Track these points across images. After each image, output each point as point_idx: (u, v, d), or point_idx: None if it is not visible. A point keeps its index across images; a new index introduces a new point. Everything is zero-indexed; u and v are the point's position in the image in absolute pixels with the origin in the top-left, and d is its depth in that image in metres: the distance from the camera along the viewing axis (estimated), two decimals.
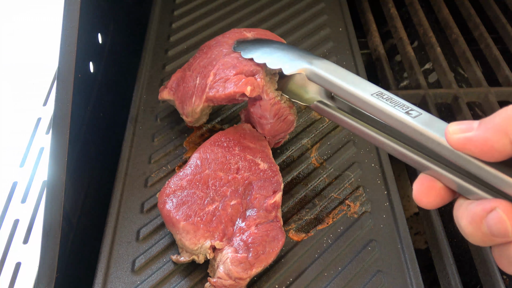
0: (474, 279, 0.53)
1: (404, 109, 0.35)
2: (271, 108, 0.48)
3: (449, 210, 0.61)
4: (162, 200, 0.47)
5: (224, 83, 0.49)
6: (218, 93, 0.49)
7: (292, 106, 0.50)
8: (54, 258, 0.43)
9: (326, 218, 0.50)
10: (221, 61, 0.51)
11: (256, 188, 0.47)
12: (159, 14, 0.75)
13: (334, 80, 0.39)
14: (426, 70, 0.78)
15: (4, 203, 0.54)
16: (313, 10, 0.75)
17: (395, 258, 0.47)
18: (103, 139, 0.64)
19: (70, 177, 0.48)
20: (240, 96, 0.48)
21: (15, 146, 0.60)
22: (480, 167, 0.30)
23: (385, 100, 0.36)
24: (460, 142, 0.30)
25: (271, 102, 0.48)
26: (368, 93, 0.37)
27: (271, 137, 0.53)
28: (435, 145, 0.32)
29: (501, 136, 0.27)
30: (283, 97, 0.49)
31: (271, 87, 0.48)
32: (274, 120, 0.50)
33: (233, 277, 0.41)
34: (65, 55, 0.49)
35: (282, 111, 0.49)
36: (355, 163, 0.55)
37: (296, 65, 0.43)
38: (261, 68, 0.47)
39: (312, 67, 0.42)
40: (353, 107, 0.42)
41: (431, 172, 0.34)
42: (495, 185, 0.29)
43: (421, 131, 0.33)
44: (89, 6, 0.58)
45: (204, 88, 0.51)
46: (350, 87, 0.38)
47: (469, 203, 0.30)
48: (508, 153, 0.28)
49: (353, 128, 0.41)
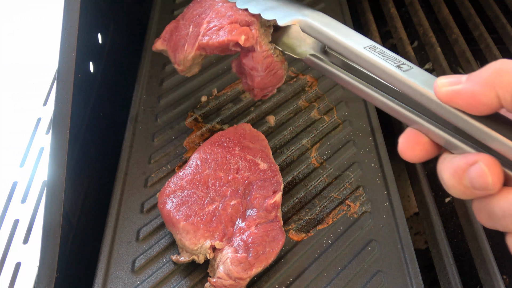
0: (474, 279, 0.53)
1: (396, 63, 0.36)
2: (263, 60, 0.48)
3: (449, 210, 0.61)
4: (162, 200, 0.47)
5: (218, 31, 0.48)
6: (211, 41, 0.48)
7: (283, 61, 0.50)
8: (54, 258, 0.43)
9: (326, 218, 0.50)
10: (215, 10, 0.50)
11: (256, 188, 0.47)
12: (159, 14, 0.75)
13: (327, 32, 0.40)
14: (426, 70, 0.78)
15: (4, 203, 0.54)
16: None
17: (395, 258, 0.47)
18: (103, 139, 0.64)
19: (70, 177, 0.48)
20: (233, 45, 0.47)
21: (15, 146, 0.60)
22: (467, 121, 0.30)
23: (377, 54, 0.37)
24: (448, 95, 0.30)
25: (263, 54, 0.47)
26: (360, 46, 0.37)
27: (259, 90, 0.52)
28: (423, 99, 0.33)
29: (488, 90, 0.28)
30: (276, 50, 0.49)
31: (265, 39, 0.48)
32: (265, 73, 0.49)
33: (233, 277, 0.41)
34: (65, 55, 0.49)
35: (274, 64, 0.49)
36: (355, 163, 0.55)
37: (291, 17, 0.43)
38: (256, 19, 0.47)
39: (306, 19, 0.41)
40: (346, 62, 0.42)
41: (419, 127, 0.34)
42: (480, 140, 0.30)
43: (410, 84, 0.33)
44: (89, 6, 0.58)
45: (197, 35, 0.50)
46: (342, 40, 0.39)
47: (453, 156, 0.31)
48: (494, 107, 0.28)
49: (345, 82, 0.41)
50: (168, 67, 0.67)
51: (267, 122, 0.59)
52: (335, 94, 0.63)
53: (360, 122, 0.59)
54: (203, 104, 0.62)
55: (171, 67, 0.67)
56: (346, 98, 0.62)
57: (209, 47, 0.49)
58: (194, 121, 0.60)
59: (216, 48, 0.49)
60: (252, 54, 0.48)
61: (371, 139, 0.57)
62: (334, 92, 0.63)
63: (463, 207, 0.54)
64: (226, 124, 0.59)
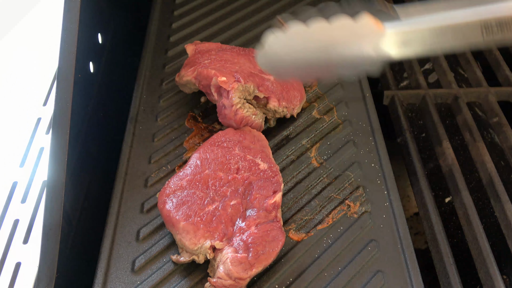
0: (474, 279, 0.53)
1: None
2: (234, 116, 0.51)
3: (449, 210, 0.61)
4: (162, 200, 0.47)
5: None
6: (205, 70, 0.53)
7: (256, 113, 0.51)
8: (54, 258, 0.43)
9: (326, 218, 0.50)
10: (245, 60, 0.56)
11: (256, 188, 0.47)
12: (159, 14, 0.75)
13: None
14: (426, 70, 0.78)
15: (4, 203, 0.54)
16: None
17: (395, 258, 0.47)
18: (103, 139, 0.64)
19: (70, 177, 0.48)
20: (214, 84, 0.51)
21: (15, 146, 0.60)
22: None
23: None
24: None
25: (233, 109, 0.51)
26: None
27: None
28: None
29: None
30: (246, 105, 0.50)
31: (239, 94, 0.50)
32: (239, 126, 0.53)
33: (233, 277, 0.41)
34: (65, 55, 0.49)
35: (247, 119, 0.51)
36: (355, 163, 0.55)
37: None
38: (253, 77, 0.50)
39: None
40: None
41: None
42: None
43: None
44: (89, 6, 0.58)
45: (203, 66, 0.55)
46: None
47: None
48: None
49: None
50: (168, 67, 0.67)
51: (267, 122, 0.59)
52: (335, 94, 0.63)
53: (360, 122, 0.59)
54: (203, 104, 0.62)
55: (171, 67, 0.67)
56: (346, 98, 0.62)
57: (201, 76, 0.53)
58: (194, 121, 0.60)
59: (204, 79, 0.53)
60: (224, 111, 0.52)
61: (371, 139, 0.57)
62: (334, 92, 0.63)
63: (463, 207, 0.54)
64: None
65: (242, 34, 0.71)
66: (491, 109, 0.65)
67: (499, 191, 0.54)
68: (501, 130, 0.62)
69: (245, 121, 0.51)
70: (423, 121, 0.69)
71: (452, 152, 0.59)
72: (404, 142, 0.62)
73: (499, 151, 0.65)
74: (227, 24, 0.73)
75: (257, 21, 0.73)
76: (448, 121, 0.69)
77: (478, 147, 0.59)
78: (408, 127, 0.63)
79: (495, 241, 0.55)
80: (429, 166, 0.66)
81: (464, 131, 0.63)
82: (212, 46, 0.60)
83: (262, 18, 0.74)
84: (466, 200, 0.54)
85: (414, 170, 0.59)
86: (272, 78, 0.55)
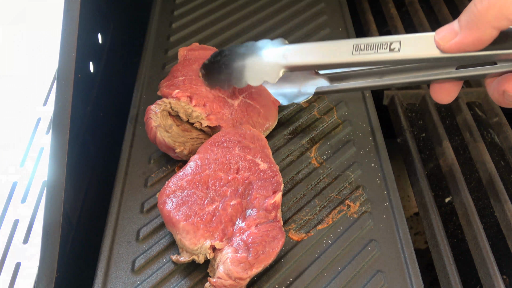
0: (474, 279, 0.53)
1: (386, 47, 0.39)
2: (155, 140, 0.51)
3: (449, 210, 0.61)
4: (162, 200, 0.47)
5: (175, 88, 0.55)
6: (166, 91, 0.55)
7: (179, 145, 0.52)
8: (54, 258, 0.43)
9: (326, 218, 0.50)
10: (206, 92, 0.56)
11: (256, 188, 0.47)
12: (159, 14, 0.75)
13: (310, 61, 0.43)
14: None
15: (4, 203, 0.54)
16: (313, 10, 0.75)
17: (395, 258, 0.47)
18: (103, 139, 0.64)
19: (70, 177, 0.48)
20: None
21: (15, 146, 0.60)
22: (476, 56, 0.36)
23: (365, 52, 0.40)
24: (452, 47, 0.36)
25: (152, 134, 0.51)
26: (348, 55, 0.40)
27: None
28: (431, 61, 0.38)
29: (486, 28, 0.34)
30: (165, 134, 0.51)
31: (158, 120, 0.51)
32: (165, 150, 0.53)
33: (233, 277, 0.41)
34: (65, 55, 0.49)
35: (157, 139, 0.51)
36: (355, 163, 0.55)
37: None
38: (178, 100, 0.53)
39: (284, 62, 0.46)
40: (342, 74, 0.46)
41: (436, 81, 0.42)
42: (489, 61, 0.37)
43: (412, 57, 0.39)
44: (89, 6, 0.58)
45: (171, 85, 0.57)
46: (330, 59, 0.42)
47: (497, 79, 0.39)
48: (494, 35, 0.35)
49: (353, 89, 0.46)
50: (168, 67, 0.67)
51: None
52: (335, 94, 0.63)
53: (360, 122, 0.59)
54: None
55: (171, 67, 0.67)
56: (346, 98, 0.62)
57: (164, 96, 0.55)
58: None
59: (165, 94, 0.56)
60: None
61: (371, 139, 0.57)
62: None
63: (463, 207, 0.54)
64: None
65: (242, 34, 0.71)
66: (491, 109, 0.65)
67: (499, 191, 0.54)
68: (501, 130, 0.62)
69: (157, 141, 0.51)
70: (423, 121, 0.69)
71: (452, 152, 0.59)
72: (404, 142, 0.62)
73: (499, 151, 0.65)
74: (227, 24, 0.73)
75: (257, 21, 0.73)
76: (448, 121, 0.69)
77: (478, 147, 0.59)
78: (408, 127, 0.63)
79: (495, 241, 0.55)
80: (429, 166, 0.66)
81: (464, 131, 0.63)
82: (204, 55, 0.59)
83: (262, 18, 0.74)
84: (466, 200, 0.54)
85: (414, 170, 0.59)
86: (236, 104, 0.55)
